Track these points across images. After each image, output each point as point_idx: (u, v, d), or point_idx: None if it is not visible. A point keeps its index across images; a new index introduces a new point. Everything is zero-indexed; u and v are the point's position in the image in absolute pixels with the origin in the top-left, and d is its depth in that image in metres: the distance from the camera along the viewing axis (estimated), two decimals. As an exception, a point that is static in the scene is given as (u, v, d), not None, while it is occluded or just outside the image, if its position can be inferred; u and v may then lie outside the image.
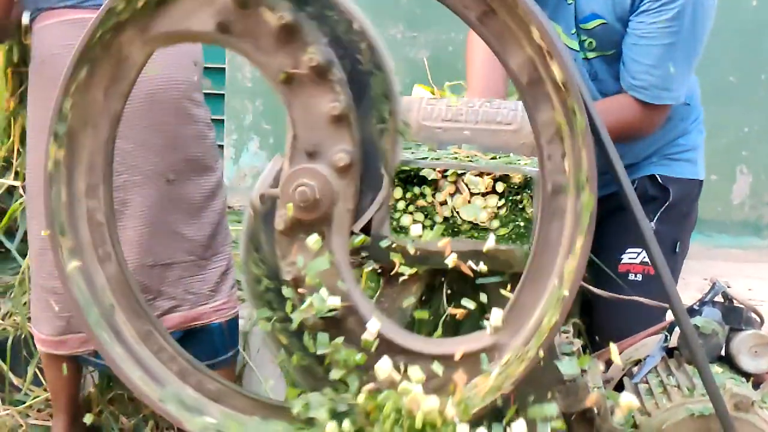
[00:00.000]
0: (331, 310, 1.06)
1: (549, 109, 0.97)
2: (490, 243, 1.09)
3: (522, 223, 1.10)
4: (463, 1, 0.96)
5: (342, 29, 1.01)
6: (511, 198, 1.10)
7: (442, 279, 1.23)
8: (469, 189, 1.11)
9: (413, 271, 1.14)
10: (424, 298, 1.22)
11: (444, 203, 1.12)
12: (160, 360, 1.18)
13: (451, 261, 1.09)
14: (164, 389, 1.15)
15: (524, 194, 1.10)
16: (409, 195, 1.12)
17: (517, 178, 1.10)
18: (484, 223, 1.11)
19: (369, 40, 1.02)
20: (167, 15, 1.03)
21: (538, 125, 0.99)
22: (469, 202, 1.11)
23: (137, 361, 1.16)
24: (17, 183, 2.60)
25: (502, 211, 1.11)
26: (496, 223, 1.10)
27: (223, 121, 4.06)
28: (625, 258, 2.01)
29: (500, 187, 1.10)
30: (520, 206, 1.10)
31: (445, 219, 1.12)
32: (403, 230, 1.13)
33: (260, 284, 1.15)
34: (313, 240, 1.06)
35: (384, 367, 1.03)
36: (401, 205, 1.13)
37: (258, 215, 1.12)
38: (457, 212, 1.11)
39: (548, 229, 1.00)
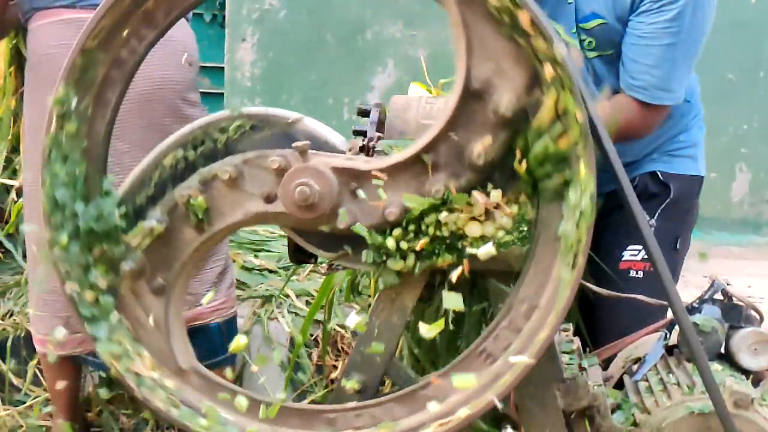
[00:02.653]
0: None
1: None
2: (486, 249, 1.08)
3: (525, 227, 1.09)
4: None
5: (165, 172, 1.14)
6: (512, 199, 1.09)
7: (443, 277, 1.23)
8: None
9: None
10: (424, 297, 1.22)
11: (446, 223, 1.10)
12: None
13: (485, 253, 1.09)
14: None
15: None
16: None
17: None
18: (489, 235, 1.09)
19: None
20: None
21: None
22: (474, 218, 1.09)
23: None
24: (15, 182, 2.60)
25: (506, 221, 1.09)
26: (501, 233, 1.09)
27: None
28: (626, 255, 2.01)
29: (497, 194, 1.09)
30: (522, 211, 1.09)
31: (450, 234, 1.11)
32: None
33: None
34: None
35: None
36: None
37: None
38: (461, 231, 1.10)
39: None
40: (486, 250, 1.08)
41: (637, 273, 2.00)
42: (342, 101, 4.20)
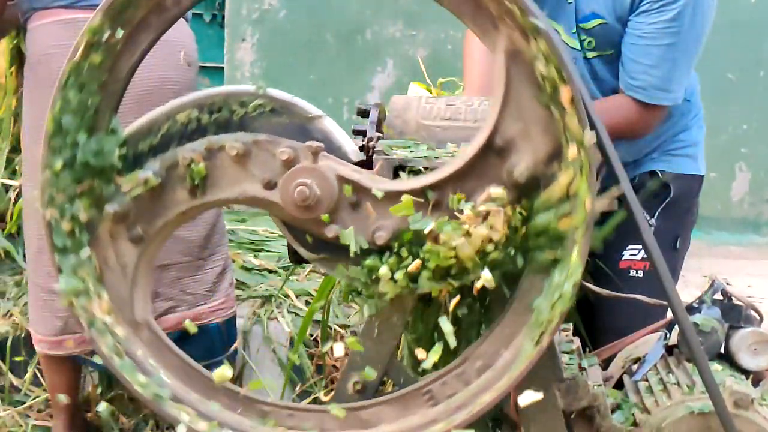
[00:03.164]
0: None
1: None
2: (485, 276, 1.06)
3: (511, 235, 1.07)
4: None
5: (176, 130, 1.14)
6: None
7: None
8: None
9: None
10: (423, 296, 1.22)
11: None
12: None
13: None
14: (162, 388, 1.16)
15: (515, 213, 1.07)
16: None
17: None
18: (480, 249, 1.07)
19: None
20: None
21: None
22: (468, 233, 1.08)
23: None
24: (15, 182, 2.60)
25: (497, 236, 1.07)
26: (491, 247, 1.07)
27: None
28: (626, 254, 2.01)
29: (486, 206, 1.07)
30: (512, 224, 1.07)
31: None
32: None
33: None
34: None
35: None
36: None
37: None
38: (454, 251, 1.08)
39: None
40: (485, 278, 1.06)
41: (637, 272, 2.00)
42: (342, 101, 4.20)
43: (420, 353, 1.16)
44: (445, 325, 1.11)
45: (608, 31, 1.87)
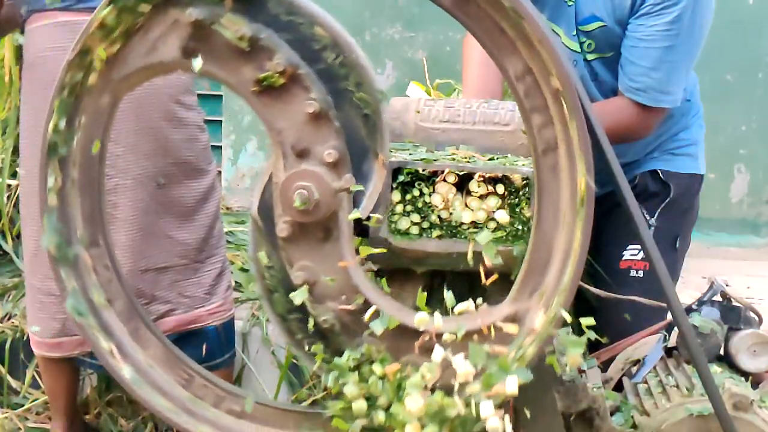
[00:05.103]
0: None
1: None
2: (484, 237, 1.07)
3: (519, 225, 1.10)
4: None
5: (303, 31, 1.02)
6: (509, 201, 1.10)
7: (442, 280, 1.23)
8: (467, 192, 1.10)
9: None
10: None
11: (442, 206, 1.11)
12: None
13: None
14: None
15: (522, 196, 1.10)
16: (408, 197, 1.12)
17: (515, 180, 1.09)
18: (481, 222, 1.10)
19: (332, 34, 1.02)
20: (132, 53, 1.04)
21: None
22: (466, 205, 1.11)
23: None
24: (16, 182, 2.60)
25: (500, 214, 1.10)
26: (492, 225, 1.10)
27: (221, 122, 4.06)
28: (627, 254, 2.01)
29: (500, 188, 1.10)
30: (518, 208, 1.10)
31: (441, 220, 1.12)
32: (401, 232, 1.13)
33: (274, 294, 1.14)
34: None
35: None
36: (399, 208, 1.12)
37: (260, 228, 1.11)
38: (454, 214, 1.11)
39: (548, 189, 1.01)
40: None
41: (637, 272, 2.00)
42: (341, 102, 4.20)
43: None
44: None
45: (608, 34, 1.87)
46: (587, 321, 1.08)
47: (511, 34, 0.96)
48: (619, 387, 1.48)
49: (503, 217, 1.09)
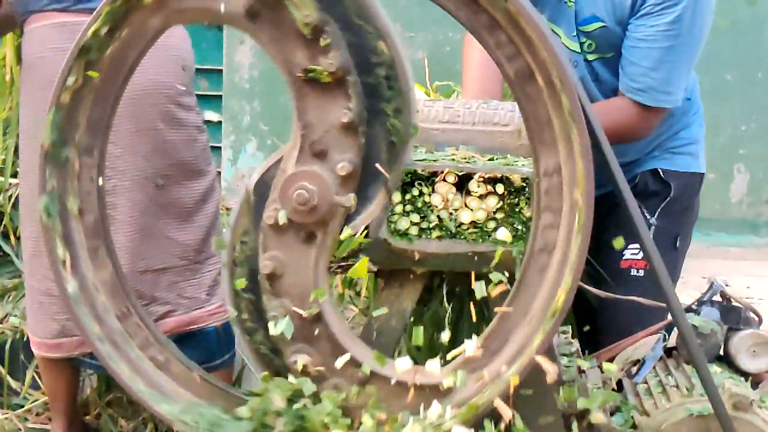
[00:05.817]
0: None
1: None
2: (501, 234, 1.09)
3: (519, 225, 1.10)
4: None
5: (367, 39, 1.01)
6: (508, 201, 1.10)
7: (441, 280, 1.23)
8: (467, 192, 1.10)
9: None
10: (423, 299, 1.22)
11: (442, 206, 1.11)
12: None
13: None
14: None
15: (522, 197, 1.10)
16: (408, 197, 1.12)
17: (515, 180, 1.10)
18: (481, 221, 1.11)
19: (392, 54, 1.01)
20: None
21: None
22: (466, 204, 1.11)
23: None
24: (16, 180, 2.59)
25: (499, 214, 1.10)
26: (492, 224, 1.10)
27: (220, 122, 4.06)
28: (627, 254, 2.01)
29: (500, 188, 1.10)
30: (518, 208, 1.10)
31: (440, 220, 1.12)
32: (400, 233, 1.13)
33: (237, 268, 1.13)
34: None
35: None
36: (399, 208, 1.12)
37: (250, 203, 1.12)
38: (453, 214, 1.11)
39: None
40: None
41: (638, 271, 2.00)
42: (340, 103, 4.20)
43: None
44: (444, 334, 1.12)
45: (608, 34, 1.87)
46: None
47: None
48: (619, 387, 1.48)
49: (505, 235, 1.09)
